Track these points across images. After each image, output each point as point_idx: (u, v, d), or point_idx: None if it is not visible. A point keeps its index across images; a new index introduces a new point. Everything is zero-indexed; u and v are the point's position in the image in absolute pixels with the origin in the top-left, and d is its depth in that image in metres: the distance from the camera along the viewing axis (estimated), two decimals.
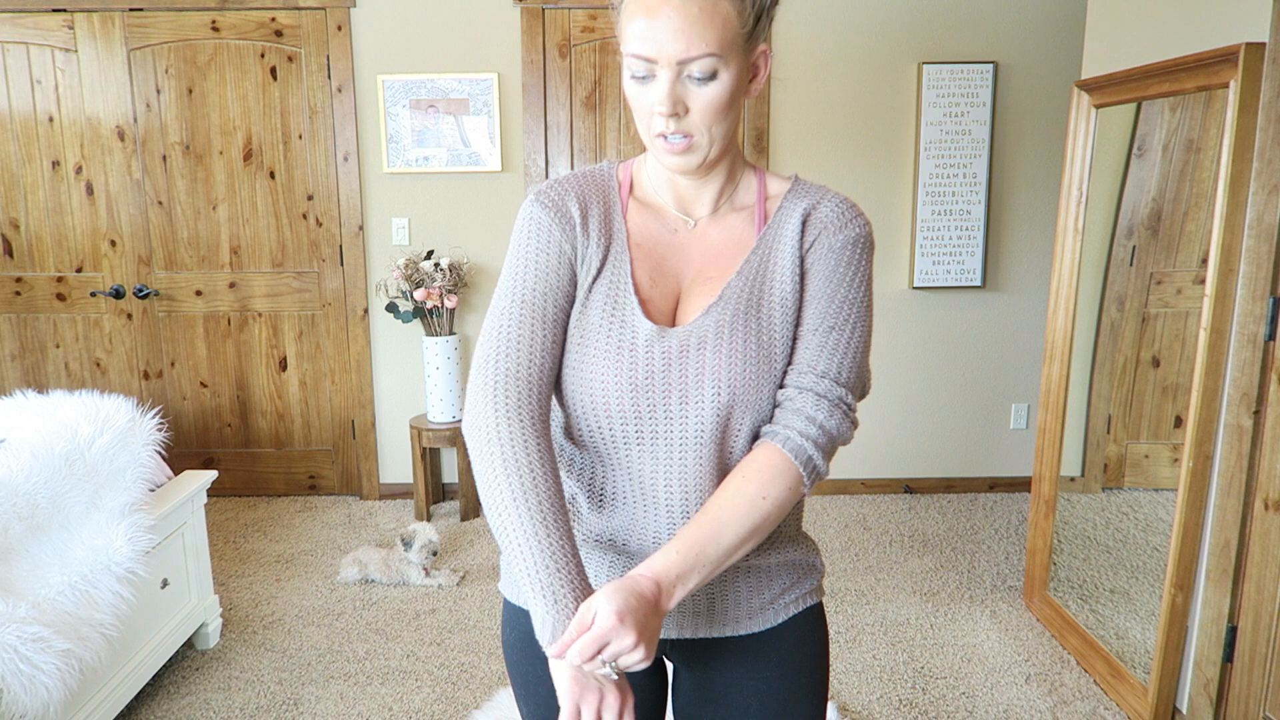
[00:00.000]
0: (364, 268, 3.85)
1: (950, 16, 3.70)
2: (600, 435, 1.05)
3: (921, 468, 4.05)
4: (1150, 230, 2.57)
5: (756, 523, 0.98)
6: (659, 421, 1.02)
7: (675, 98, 0.97)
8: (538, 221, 1.06)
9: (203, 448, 4.01)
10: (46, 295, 3.86)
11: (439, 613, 2.98)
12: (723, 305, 1.04)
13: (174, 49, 3.68)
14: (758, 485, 0.99)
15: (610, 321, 1.03)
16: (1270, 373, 1.99)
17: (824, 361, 1.03)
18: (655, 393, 1.02)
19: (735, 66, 0.98)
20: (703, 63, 0.95)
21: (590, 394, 1.03)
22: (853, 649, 2.74)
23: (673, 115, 0.97)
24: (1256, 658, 2.05)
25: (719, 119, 0.99)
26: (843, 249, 1.06)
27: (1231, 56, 1.99)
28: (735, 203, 1.10)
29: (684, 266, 1.08)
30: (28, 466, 2.09)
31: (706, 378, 1.02)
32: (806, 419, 1.01)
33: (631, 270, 1.05)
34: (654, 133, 1.00)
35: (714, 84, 0.97)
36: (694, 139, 0.99)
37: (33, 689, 1.82)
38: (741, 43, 0.98)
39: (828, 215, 1.07)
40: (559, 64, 3.71)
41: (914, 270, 3.82)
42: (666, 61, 0.95)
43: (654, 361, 1.02)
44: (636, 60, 0.97)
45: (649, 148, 1.04)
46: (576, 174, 1.11)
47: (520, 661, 1.17)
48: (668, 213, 1.09)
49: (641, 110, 1.01)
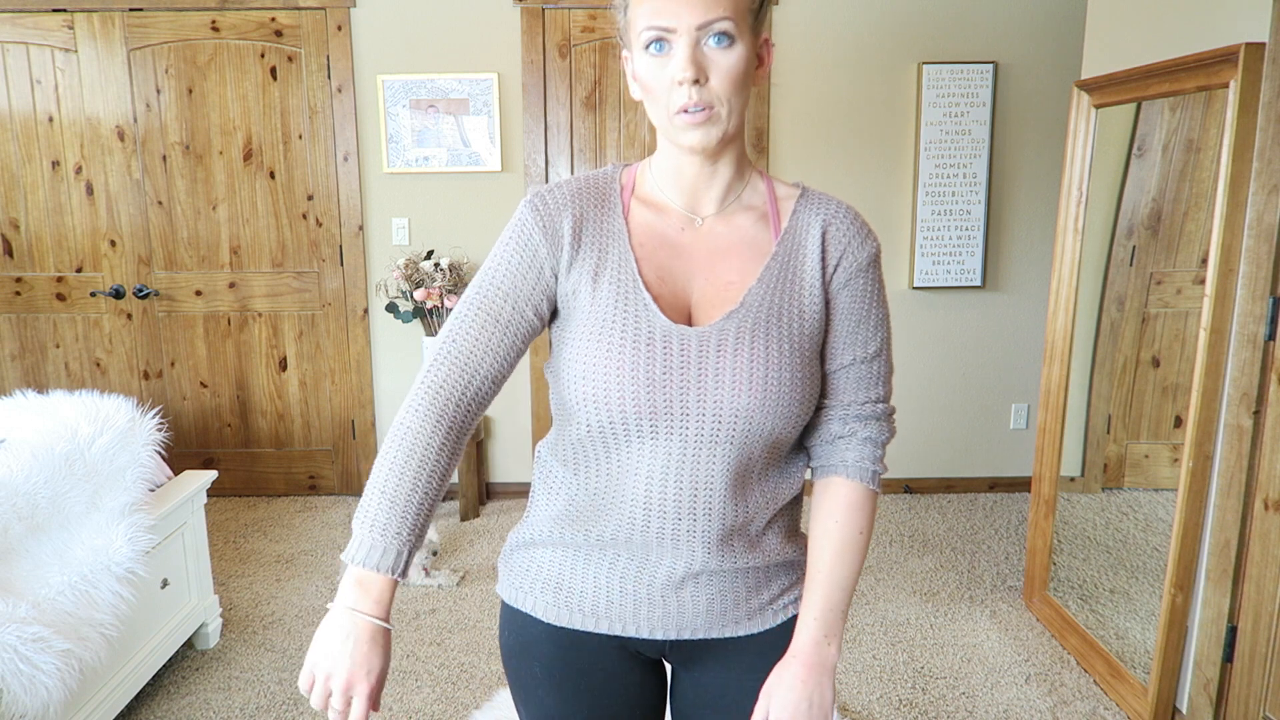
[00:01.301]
0: (364, 268, 3.85)
1: (950, 16, 3.70)
2: (612, 430, 1.04)
3: (921, 468, 4.05)
4: (1150, 230, 2.58)
5: (861, 555, 1.11)
6: (675, 418, 1.02)
7: (697, 63, 0.98)
8: (525, 228, 1.07)
9: (203, 448, 4.01)
10: (46, 295, 3.86)
11: (439, 613, 2.98)
12: (745, 311, 1.04)
13: (174, 49, 3.68)
14: (854, 524, 1.10)
15: (624, 317, 1.03)
16: (1270, 373, 1.99)
17: (868, 390, 1.11)
18: (673, 388, 1.01)
19: (748, 41, 1.00)
20: (721, 25, 0.97)
21: (605, 388, 1.02)
22: (853, 649, 2.74)
23: (694, 83, 0.98)
24: (1256, 658, 2.05)
25: (737, 89, 1.00)
26: (864, 271, 1.09)
27: (1231, 56, 1.99)
28: (743, 201, 1.10)
29: (691, 265, 1.07)
30: (28, 466, 2.09)
31: (726, 378, 1.01)
32: (872, 446, 1.11)
33: (639, 268, 1.05)
34: (674, 108, 1.00)
35: (732, 51, 0.98)
36: (714, 110, 0.99)
37: (33, 689, 1.82)
38: (751, 19, 1.00)
39: (846, 233, 1.09)
40: (559, 64, 3.71)
41: (914, 270, 3.82)
42: (685, 28, 0.97)
43: (672, 358, 1.02)
44: (653, 31, 0.98)
45: (666, 129, 1.03)
46: (579, 179, 1.11)
47: (518, 664, 1.17)
48: (673, 210, 1.09)
49: (659, 88, 1.01)
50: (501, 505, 3.96)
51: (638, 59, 1.02)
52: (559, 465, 1.13)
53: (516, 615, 1.16)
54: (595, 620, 1.12)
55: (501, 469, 4.04)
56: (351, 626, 0.98)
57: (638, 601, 1.10)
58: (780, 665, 1.09)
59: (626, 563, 1.09)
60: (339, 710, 0.98)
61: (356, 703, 0.97)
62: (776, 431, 1.04)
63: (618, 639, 1.13)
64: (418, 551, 1.04)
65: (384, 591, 0.99)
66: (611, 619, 1.11)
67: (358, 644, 0.97)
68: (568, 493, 1.11)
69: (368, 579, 0.99)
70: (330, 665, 0.98)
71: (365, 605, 0.98)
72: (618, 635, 1.12)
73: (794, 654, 1.08)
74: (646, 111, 1.06)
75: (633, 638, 1.12)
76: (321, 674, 0.98)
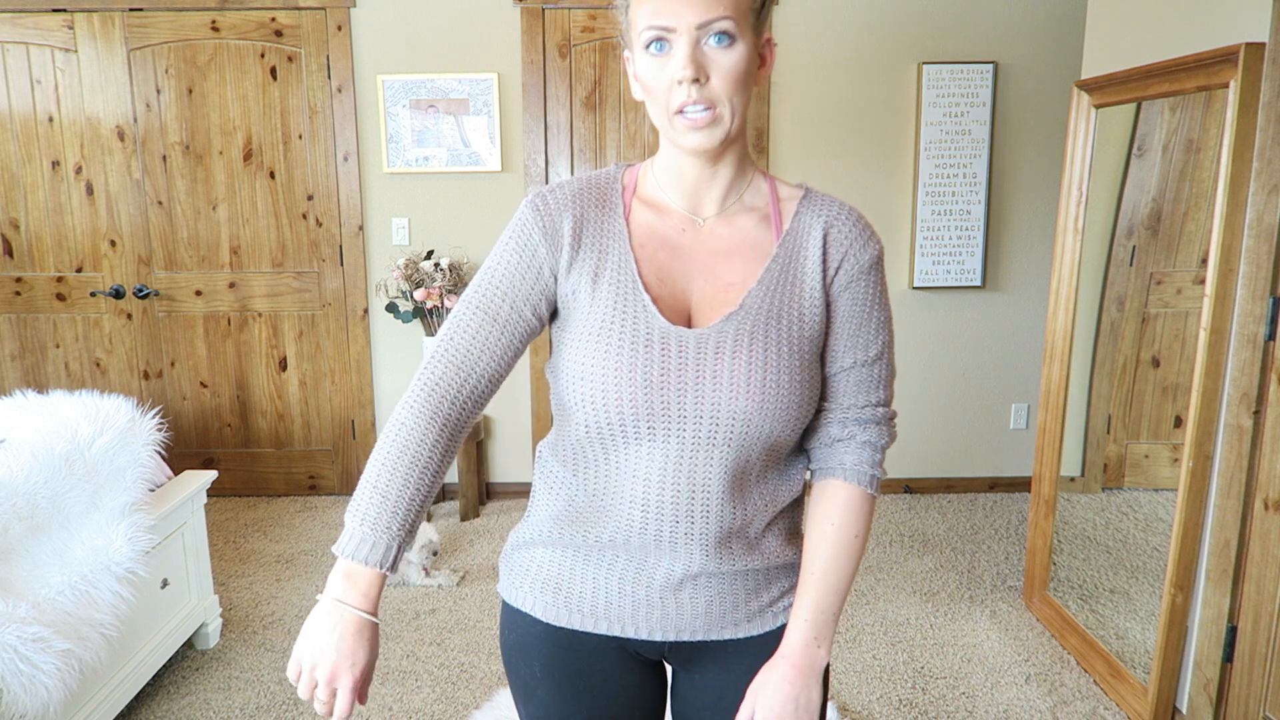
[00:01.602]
0: (364, 268, 3.85)
1: (950, 16, 3.70)
2: (610, 432, 1.03)
3: (921, 468, 4.05)
4: (1150, 230, 2.58)
5: (857, 559, 1.10)
6: (672, 419, 1.01)
7: (697, 62, 0.97)
8: (525, 228, 1.07)
9: (203, 448, 4.01)
10: (46, 295, 3.86)
11: (439, 613, 2.98)
12: (744, 313, 1.03)
13: (174, 49, 3.68)
14: (850, 528, 1.09)
15: (623, 318, 1.03)
16: (1270, 373, 1.99)
17: (868, 394, 1.10)
18: (670, 390, 1.01)
19: (749, 41, 0.99)
20: (722, 24, 0.96)
21: (603, 389, 1.02)
22: (853, 649, 2.74)
23: (695, 82, 0.97)
24: (1256, 658, 2.05)
25: (739, 89, 0.99)
26: (866, 273, 1.08)
27: (1231, 56, 1.99)
28: (745, 202, 1.09)
29: (692, 266, 1.07)
30: (28, 466, 2.09)
31: (724, 381, 1.01)
32: (871, 450, 1.10)
33: (638, 269, 1.05)
34: (674, 108, 0.99)
35: (733, 50, 0.98)
36: (716, 110, 0.99)
37: (33, 689, 1.82)
38: (753, 19, 0.99)
39: (848, 235, 1.08)
40: (559, 64, 3.71)
41: (914, 270, 3.82)
42: (685, 27, 0.96)
43: (670, 359, 1.01)
44: (653, 31, 0.98)
45: (667, 131, 1.02)
46: (580, 180, 1.10)
47: (518, 663, 1.17)
48: (675, 211, 1.08)
49: (659, 87, 1.00)
50: (501, 505, 3.96)
51: (639, 59, 1.02)
52: (559, 465, 1.13)
53: (516, 615, 1.16)
54: (594, 621, 1.12)
55: (501, 469, 4.04)
56: (338, 618, 0.98)
57: (636, 603, 1.10)
58: (768, 665, 1.08)
59: (625, 564, 1.09)
60: (324, 701, 0.98)
61: (340, 695, 0.98)
62: (774, 434, 1.03)
63: (617, 640, 1.13)
64: (408, 548, 1.05)
65: (372, 585, 1.00)
66: (611, 620, 1.11)
67: (343, 636, 0.98)
68: (567, 493, 1.11)
69: (356, 572, 0.99)
70: (315, 656, 0.98)
71: (352, 598, 0.99)
72: (617, 636, 1.12)
73: (783, 654, 1.08)
74: (648, 112, 1.05)
75: (632, 639, 1.12)
76: (307, 664, 0.99)
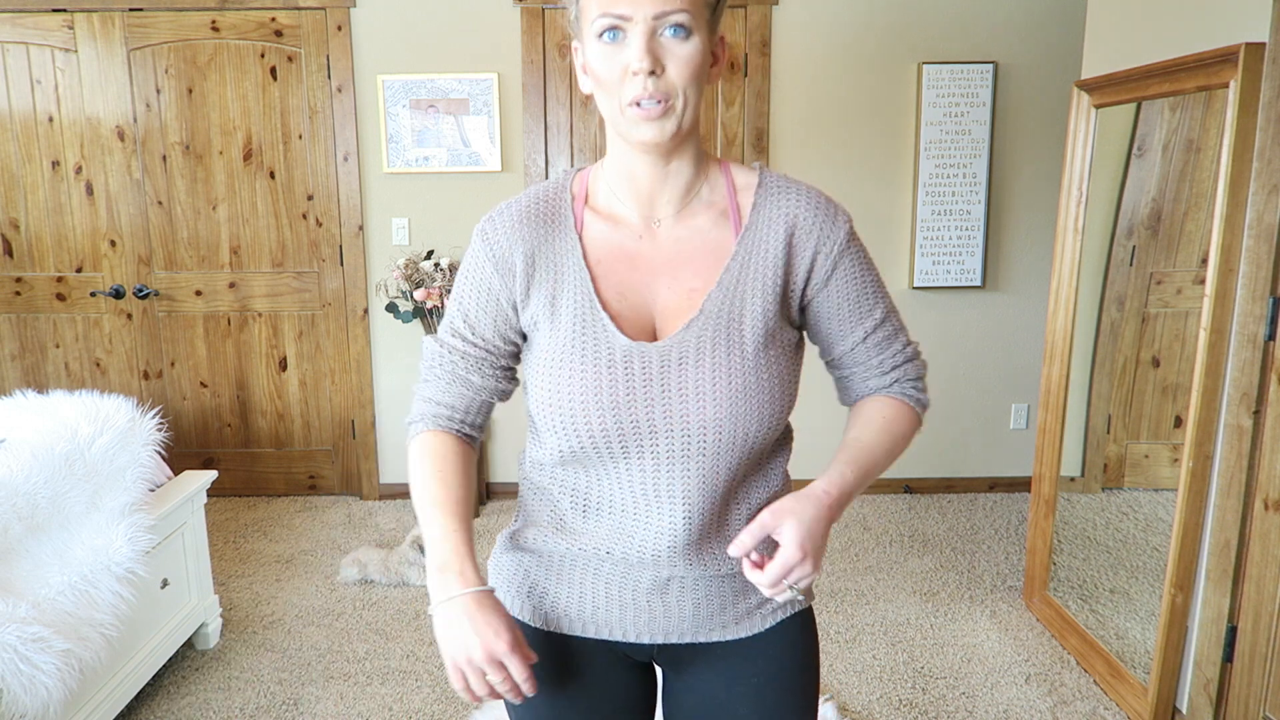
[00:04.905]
0: (364, 268, 3.85)
1: (950, 16, 3.70)
2: (583, 453, 1.03)
3: (921, 468, 4.05)
4: (1150, 230, 2.58)
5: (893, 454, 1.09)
6: (644, 437, 1.00)
7: (654, 53, 0.94)
8: (479, 263, 1.07)
9: (203, 448, 4.01)
10: (46, 295, 3.86)
11: None
12: (704, 319, 1.01)
13: (174, 49, 3.68)
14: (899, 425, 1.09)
15: (583, 340, 1.01)
16: (1270, 373, 1.99)
17: (891, 347, 1.10)
18: (638, 410, 0.99)
19: (703, 36, 0.96)
20: (678, 16, 0.94)
21: (571, 415, 1.00)
22: (853, 649, 2.74)
23: (650, 73, 0.94)
24: (1256, 658, 2.05)
25: (694, 81, 0.97)
26: (845, 251, 1.06)
27: (1231, 56, 1.99)
28: (703, 199, 1.06)
29: (653, 274, 1.04)
30: (28, 466, 2.09)
31: (690, 393, 0.99)
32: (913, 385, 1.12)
33: (595, 287, 1.02)
34: (627, 100, 0.96)
35: (689, 43, 0.95)
36: (670, 102, 0.96)
37: (33, 689, 1.82)
38: (708, 14, 0.97)
39: (815, 224, 1.04)
40: (559, 64, 3.71)
41: (914, 270, 3.82)
42: (642, 17, 0.93)
43: (634, 378, 1.00)
44: (608, 19, 0.95)
45: (618, 123, 0.99)
46: (529, 197, 1.08)
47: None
48: (628, 220, 1.05)
49: (611, 77, 0.97)
50: (501, 505, 3.96)
51: (589, 48, 0.98)
52: (539, 475, 1.12)
53: None
54: (582, 625, 1.12)
55: (502, 469, 4.04)
56: (458, 609, 0.99)
57: (623, 606, 1.09)
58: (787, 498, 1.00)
59: (610, 570, 1.08)
60: (502, 680, 0.98)
61: (509, 664, 0.97)
62: (750, 438, 1.01)
63: (606, 642, 1.13)
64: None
65: (463, 564, 1.01)
66: (598, 624, 1.11)
67: (472, 618, 0.98)
68: (549, 502, 1.11)
69: (445, 563, 1.01)
70: (464, 650, 0.98)
71: (455, 587, 1.00)
72: (605, 639, 1.12)
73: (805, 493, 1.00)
74: (598, 106, 1.02)
75: (620, 642, 1.12)
76: (462, 661, 0.98)
